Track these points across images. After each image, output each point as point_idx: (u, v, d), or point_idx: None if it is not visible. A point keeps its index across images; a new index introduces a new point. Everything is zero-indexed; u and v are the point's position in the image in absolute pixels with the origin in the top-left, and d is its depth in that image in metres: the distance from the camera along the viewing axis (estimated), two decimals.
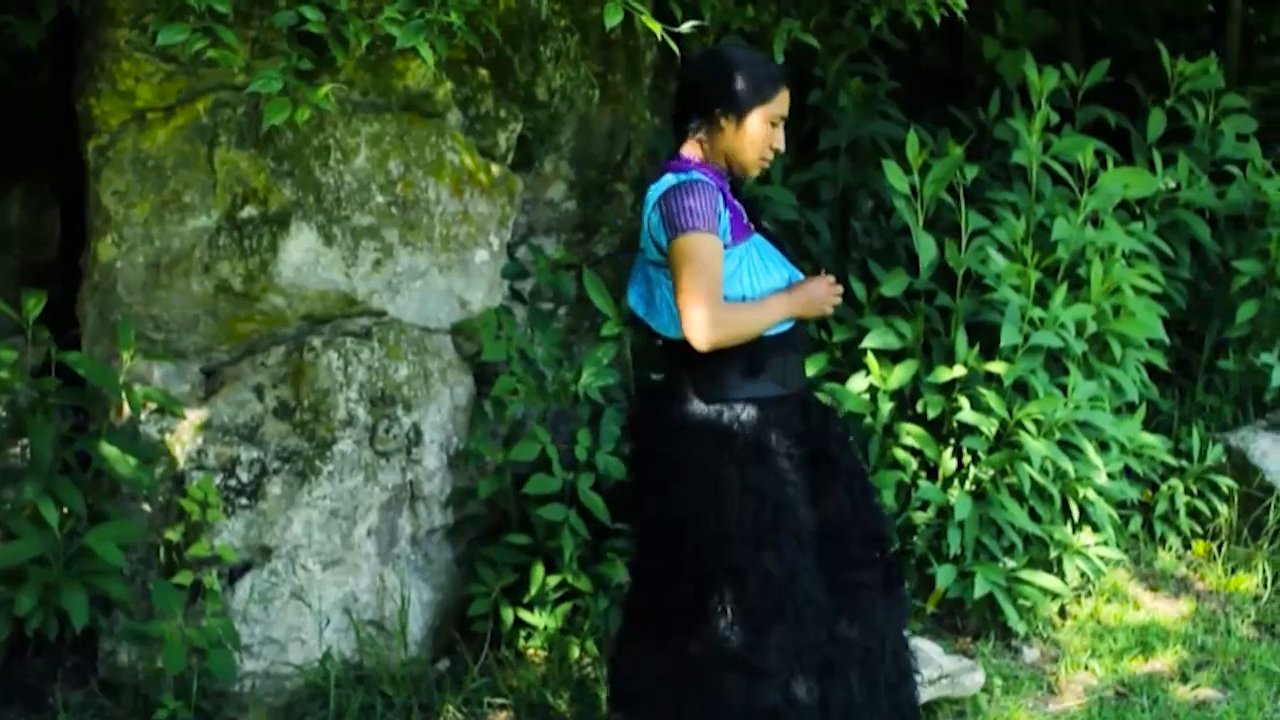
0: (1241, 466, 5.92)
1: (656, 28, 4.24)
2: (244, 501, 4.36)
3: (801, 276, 3.95)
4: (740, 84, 3.81)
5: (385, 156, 4.45)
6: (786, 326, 3.86)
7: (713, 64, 3.90)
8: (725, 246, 3.75)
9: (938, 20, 4.92)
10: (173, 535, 4.26)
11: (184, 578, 4.24)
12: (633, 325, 4.66)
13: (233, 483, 4.35)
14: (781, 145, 3.91)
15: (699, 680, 3.77)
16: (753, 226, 3.93)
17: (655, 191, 3.82)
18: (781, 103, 3.86)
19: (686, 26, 4.47)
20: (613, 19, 4.19)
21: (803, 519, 3.79)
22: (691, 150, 3.87)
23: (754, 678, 3.72)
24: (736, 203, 3.90)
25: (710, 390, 3.82)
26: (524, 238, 5.07)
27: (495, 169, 4.73)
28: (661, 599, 3.86)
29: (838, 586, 3.84)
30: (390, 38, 4.08)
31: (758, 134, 3.84)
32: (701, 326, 3.70)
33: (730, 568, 3.72)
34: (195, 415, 4.36)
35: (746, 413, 3.79)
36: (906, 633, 4.11)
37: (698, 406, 3.83)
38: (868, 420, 5.07)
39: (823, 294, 3.92)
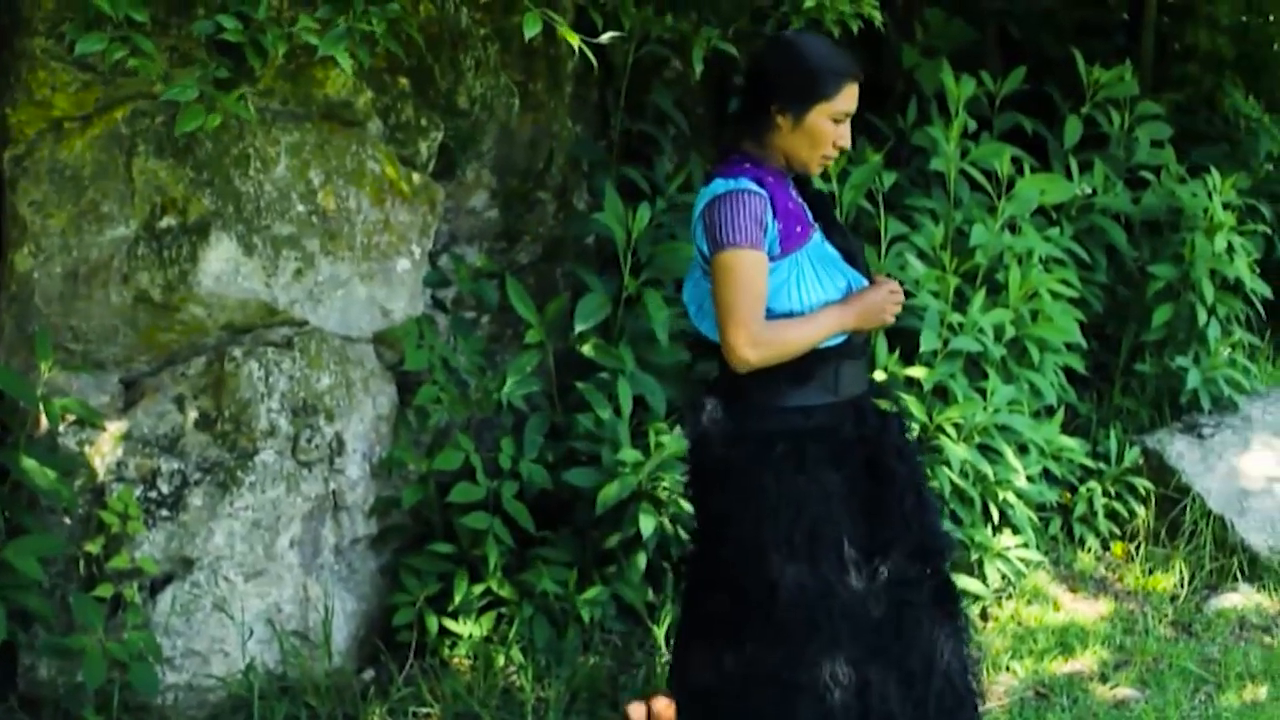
0: (1158, 468, 6.00)
1: (574, 39, 4.26)
2: (165, 513, 4.33)
3: (864, 282, 3.71)
4: (801, 79, 3.54)
5: (305, 166, 4.44)
6: (841, 338, 3.65)
7: (773, 56, 3.65)
8: (774, 258, 3.54)
9: (856, 30, 4.96)
10: (93, 548, 4.22)
11: (104, 591, 4.20)
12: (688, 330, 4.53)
13: (153, 494, 4.32)
14: (847, 143, 3.63)
15: (734, 692, 3.66)
16: (819, 226, 3.72)
17: (702, 198, 3.60)
18: (847, 98, 3.57)
19: (606, 37, 4.50)
20: (531, 28, 4.21)
21: (847, 531, 3.59)
22: (751, 146, 3.62)
23: (788, 693, 3.58)
24: (799, 203, 3.69)
25: (757, 397, 3.63)
26: (446, 246, 5.07)
27: (416, 178, 4.73)
28: (704, 605, 3.79)
29: (884, 603, 3.65)
30: (310, 46, 4.07)
31: (819, 131, 3.56)
32: (740, 348, 3.51)
33: (764, 578, 3.57)
34: (115, 427, 4.33)
35: (791, 420, 3.60)
36: (966, 656, 3.88)
37: (742, 412, 3.65)
38: None
39: (881, 302, 3.66)
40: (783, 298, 3.56)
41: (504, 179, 5.18)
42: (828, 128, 3.55)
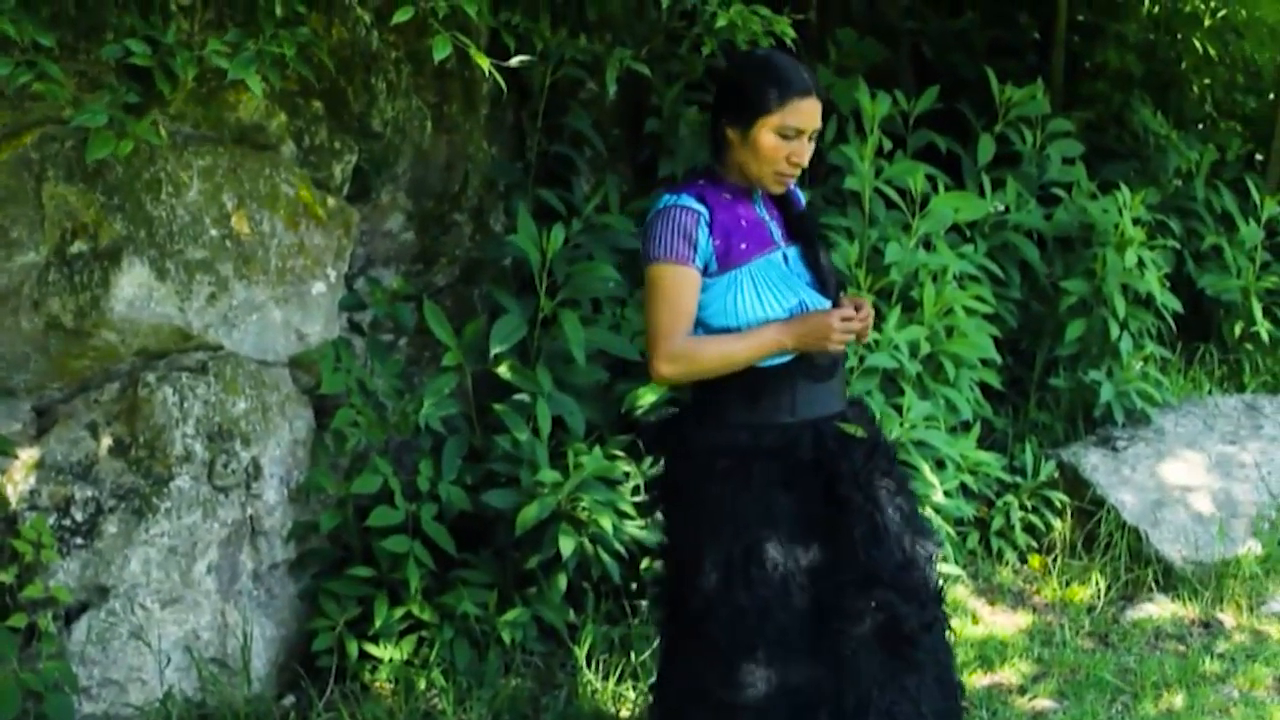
0: (1074, 481, 6.07)
1: (485, 63, 4.27)
2: (79, 541, 4.29)
3: (824, 303, 3.64)
4: (743, 93, 3.56)
5: (218, 189, 4.42)
6: (786, 357, 3.58)
7: (726, 72, 3.74)
8: (710, 274, 3.54)
9: (768, 48, 4.99)
10: (5, 577, 4.17)
11: (18, 620, 4.15)
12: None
13: (67, 522, 4.28)
14: (803, 159, 3.58)
15: (671, 708, 3.71)
16: (797, 246, 3.69)
17: (649, 214, 3.65)
18: (795, 113, 3.52)
19: (517, 60, 4.51)
20: (441, 51, 4.22)
21: (791, 554, 3.54)
22: (715, 163, 3.65)
23: (722, 713, 3.55)
24: (759, 220, 3.65)
25: (709, 415, 3.64)
26: (362, 269, 5.06)
27: (331, 201, 4.72)
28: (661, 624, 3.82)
29: (822, 632, 3.57)
30: (221, 70, 4.06)
31: (765, 147, 3.53)
32: (655, 361, 3.54)
33: (701, 594, 3.57)
34: (27, 454, 4.28)
35: (739, 438, 3.57)
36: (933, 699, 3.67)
37: (694, 430, 3.68)
38: None
39: (824, 325, 3.53)
40: (719, 313, 3.56)
41: (419, 201, 5.17)
42: (774, 143, 3.53)
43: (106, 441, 4.35)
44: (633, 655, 4.80)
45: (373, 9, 4.42)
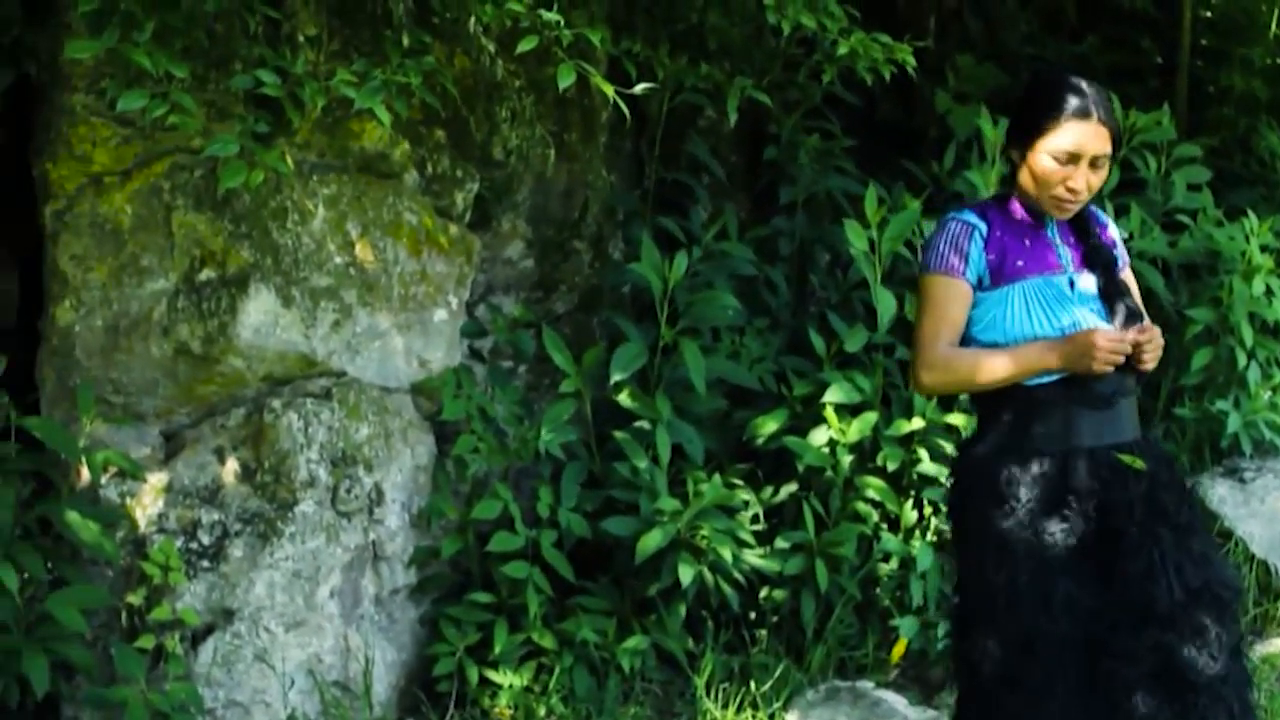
0: (1201, 513, 5.95)
1: (609, 90, 4.28)
2: (206, 564, 4.34)
3: (1107, 326, 3.48)
4: (1021, 114, 3.53)
5: (343, 218, 4.47)
6: (1053, 378, 3.45)
7: (1023, 88, 3.65)
8: (983, 289, 3.49)
9: (888, 76, 4.97)
10: (134, 599, 4.23)
11: (146, 642, 4.21)
12: None
13: (194, 545, 4.34)
14: (1078, 185, 3.45)
15: None
16: (1070, 269, 3.54)
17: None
18: (1067, 136, 3.42)
19: (640, 88, 4.52)
20: (565, 80, 4.24)
21: (1062, 586, 3.39)
22: (1012, 180, 3.57)
23: None
24: (1048, 240, 3.55)
25: (982, 438, 3.59)
26: (482, 296, 5.09)
27: (453, 228, 4.75)
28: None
29: (1096, 671, 3.40)
30: (347, 99, 4.11)
31: (1041, 170, 3.44)
32: (916, 369, 3.53)
33: (968, 623, 3.52)
34: (156, 478, 4.35)
35: (1008, 464, 3.46)
36: None
37: (969, 454, 3.63)
38: (828, 474, 5.08)
39: (1089, 344, 3.36)
40: (988, 328, 3.51)
41: (539, 229, 5.20)
42: (1050, 167, 3.44)
43: (232, 466, 4.40)
44: (752, 684, 4.77)
45: (496, 38, 4.45)
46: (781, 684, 4.80)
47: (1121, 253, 3.69)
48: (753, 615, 5.03)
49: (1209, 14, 7.82)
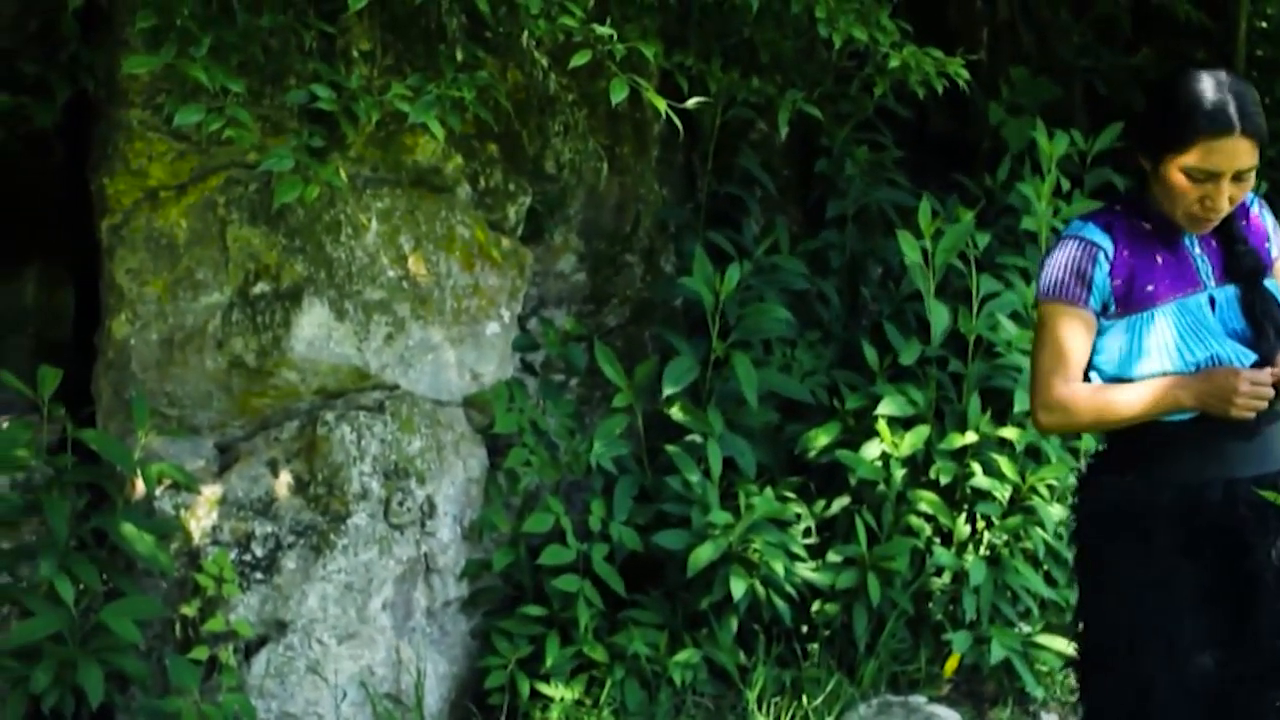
0: None
1: (661, 104, 4.29)
2: (259, 576, 4.36)
3: (1246, 359, 3.12)
4: (1156, 124, 3.13)
5: (396, 231, 4.49)
6: (1188, 415, 3.13)
7: (1152, 93, 3.30)
8: (1110, 315, 3.16)
9: (941, 89, 4.96)
10: (188, 610, 4.26)
11: (200, 653, 4.23)
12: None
13: (248, 557, 4.36)
14: (1219, 204, 3.09)
15: None
16: (1211, 284, 3.20)
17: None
18: (1207, 154, 3.04)
19: (692, 102, 4.52)
20: (618, 94, 4.24)
21: (1187, 627, 3.15)
22: (1141, 186, 3.23)
23: None
24: (1182, 255, 3.21)
25: (1109, 466, 3.30)
26: (534, 310, 5.10)
27: (505, 242, 4.77)
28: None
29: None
30: (399, 113, 4.13)
31: (1174, 186, 3.09)
32: (1034, 409, 3.21)
33: (1092, 663, 3.31)
34: (210, 491, 4.37)
35: (1136, 495, 3.18)
36: None
37: (1094, 483, 3.33)
38: (881, 487, 5.06)
39: (1229, 387, 3.03)
40: (1112, 361, 3.18)
41: (591, 242, 5.21)
42: (1183, 184, 3.08)
43: (286, 479, 4.42)
44: (804, 699, 4.75)
45: (549, 52, 4.46)
46: (833, 698, 4.78)
47: (1274, 245, 3.30)
48: (804, 629, 5.02)
49: (1264, 25, 7.76)
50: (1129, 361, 3.15)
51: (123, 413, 4.34)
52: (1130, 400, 3.13)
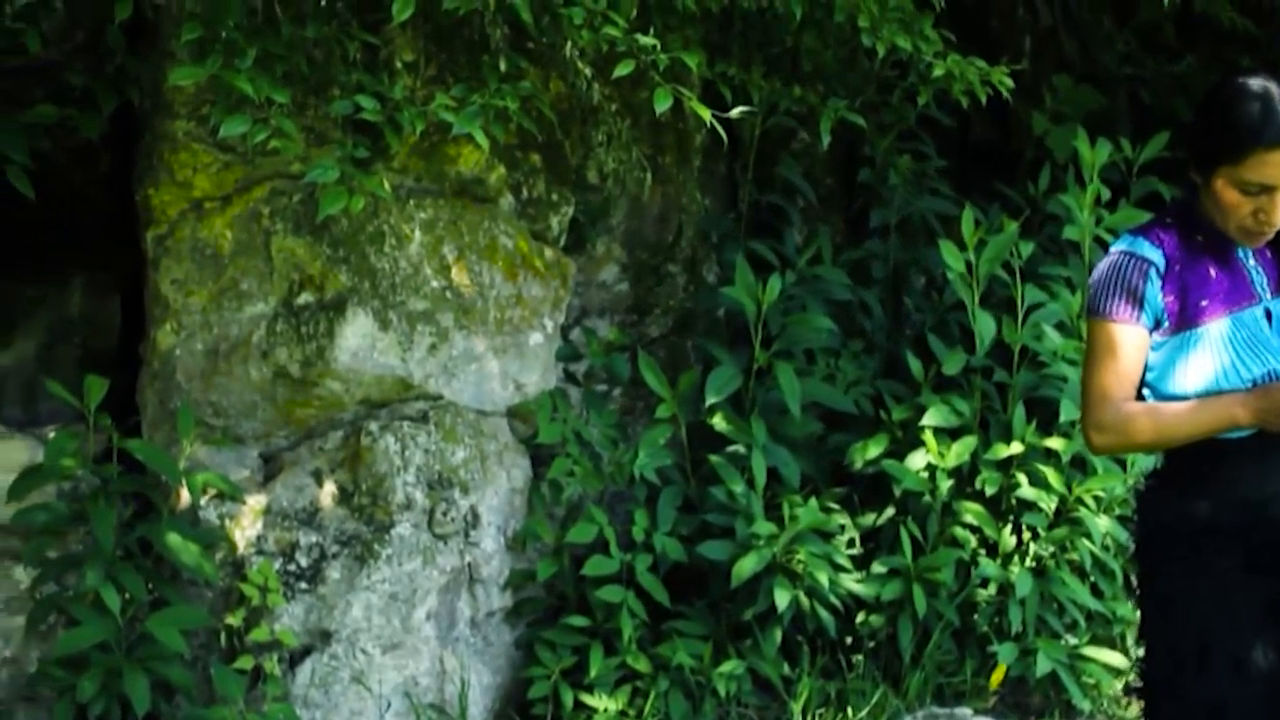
0: None
1: (705, 114, 4.27)
2: (304, 586, 4.37)
3: None
4: (1208, 134, 3.03)
5: (439, 242, 4.49)
6: (1246, 431, 3.03)
7: (1205, 101, 3.12)
8: (1163, 330, 3.06)
9: (984, 98, 4.93)
10: (233, 620, 4.27)
11: (245, 662, 4.25)
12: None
13: (292, 567, 4.37)
14: (1275, 217, 3.01)
15: None
16: (1266, 296, 3.12)
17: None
18: (1260, 168, 2.95)
19: (736, 111, 4.51)
20: (662, 104, 4.23)
21: (1253, 648, 3.06)
22: (1193, 196, 3.13)
23: None
24: (1235, 268, 3.12)
25: (1168, 483, 3.19)
26: (577, 320, 5.10)
27: (548, 252, 4.77)
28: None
29: None
30: (443, 124, 4.13)
31: (1225, 200, 3.01)
32: (1085, 430, 3.13)
33: (1153, 685, 3.20)
34: (254, 500, 4.39)
35: (1196, 512, 3.09)
36: None
37: (1153, 500, 3.23)
38: (926, 498, 5.04)
39: None
40: (1167, 379, 3.08)
41: (634, 252, 5.20)
42: (1235, 198, 3.00)
43: (330, 489, 4.43)
44: (849, 710, 4.74)
45: (592, 62, 4.46)
46: (879, 710, 4.75)
47: None
48: (849, 640, 4.99)
49: None
50: (1183, 378, 3.06)
51: (168, 423, 4.35)
52: (1185, 419, 3.04)
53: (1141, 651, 3.28)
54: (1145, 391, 3.12)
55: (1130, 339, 3.06)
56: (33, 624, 4.23)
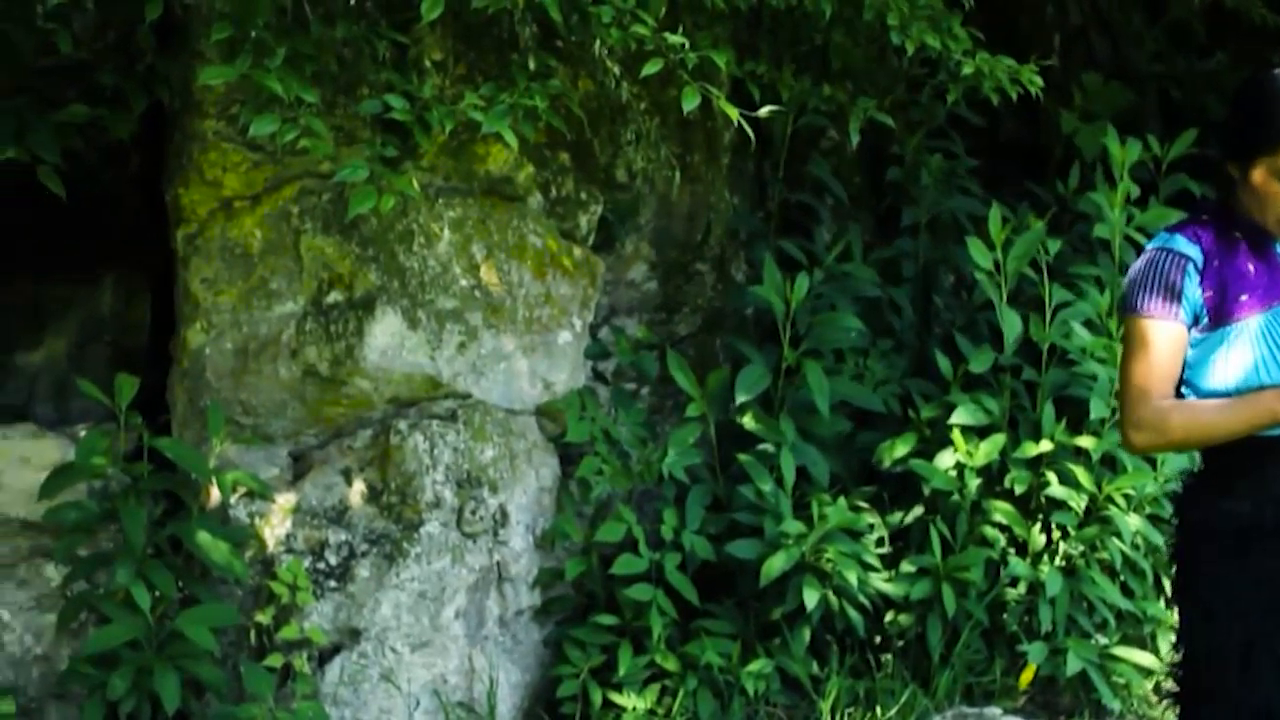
0: None
1: (733, 112, 4.27)
2: (333, 584, 4.38)
3: None
4: (1245, 124, 2.98)
5: (468, 240, 4.50)
6: None
7: (1238, 94, 3.09)
8: (1201, 327, 3.03)
9: (1014, 97, 4.92)
10: (263, 618, 4.28)
11: (274, 660, 4.26)
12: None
13: (321, 565, 4.38)
14: None
15: None
16: None
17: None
18: None
19: (765, 110, 4.50)
20: (690, 102, 4.23)
21: None
22: (1229, 193, 3.10)
23: None
24: (1274, 264, 3.07)
25: (1209, 483, 3.15)
26: (606, 318, 5.09)
27: (577, 250, 4.77)
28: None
29: None
30: (472, 123, 4.13)
31: (1264, 191, 2.97)
32: (1124, 428, 3.08)
33: (1196, 687, 3.15)
34: (284, 499, 4.40)
35: (1239, 512, 3.04)
36: None
37: (1195, 500, 3.19)
38: (955, 497, 5.02)
39: None
40: (1207, 375, 3.04)
41: (663, 251, 5.20)
42: (1274, 188, 2.97)
43: (359, 487, 4.44)
44: (878, 710, 4.73)
45: (620, 61, 4.46)
46: (908, 709, 4.75)
47: None
48: (878, 639, 4.99)
49: None
50: (1221, 373, 3.02)
51: (198, 421, 4.37)
52: (1225, 416, 3.00)
53: (1179, 656, 3.22)
54: (1184, 389, 3.09)
55: (1168, 335, 3.03)
56: (63, 622, 4.25)
